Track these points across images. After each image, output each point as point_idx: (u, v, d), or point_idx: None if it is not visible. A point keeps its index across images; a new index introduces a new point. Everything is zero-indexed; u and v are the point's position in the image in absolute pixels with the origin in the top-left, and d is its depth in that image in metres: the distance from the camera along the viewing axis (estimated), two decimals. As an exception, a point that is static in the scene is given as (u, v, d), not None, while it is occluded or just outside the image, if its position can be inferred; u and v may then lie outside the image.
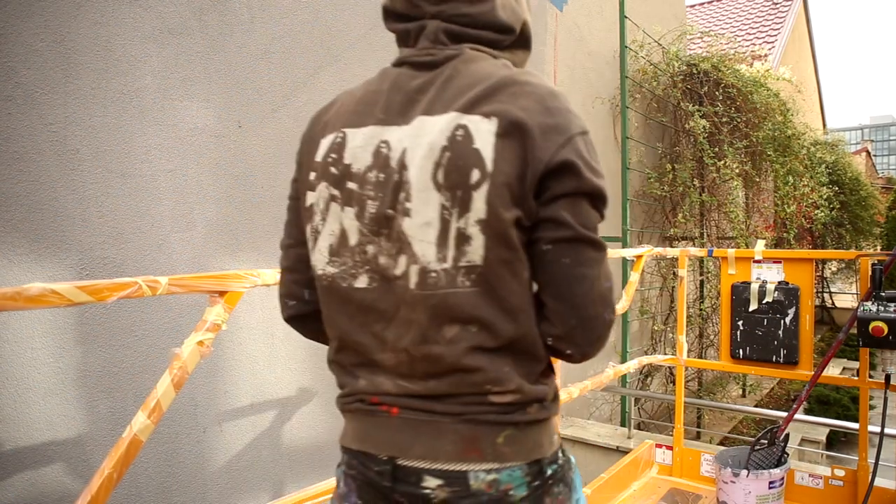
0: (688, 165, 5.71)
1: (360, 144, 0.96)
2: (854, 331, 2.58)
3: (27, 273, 1.84)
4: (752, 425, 6.70)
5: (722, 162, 5.52)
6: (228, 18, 2.36)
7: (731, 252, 3.13)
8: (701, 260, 5.76)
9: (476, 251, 0.88)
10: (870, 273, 2.61)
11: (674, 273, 5.56)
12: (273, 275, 1.57)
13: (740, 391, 7.39)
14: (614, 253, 2.76)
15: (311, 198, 1.00)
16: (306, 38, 2.64)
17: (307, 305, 1.09)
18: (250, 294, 1.63)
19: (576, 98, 4.74)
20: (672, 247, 5.59)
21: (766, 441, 2.74)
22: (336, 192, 0.97)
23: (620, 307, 2.83)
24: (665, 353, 5.70)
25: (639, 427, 5.03)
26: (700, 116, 5.47)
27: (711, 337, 6.32)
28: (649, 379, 5.74)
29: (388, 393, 0.95)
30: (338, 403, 1.03)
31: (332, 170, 0.97)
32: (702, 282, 6.12)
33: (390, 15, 1.03)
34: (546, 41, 4.30)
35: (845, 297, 12.90)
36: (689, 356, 4.94)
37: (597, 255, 0.93)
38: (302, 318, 1.11)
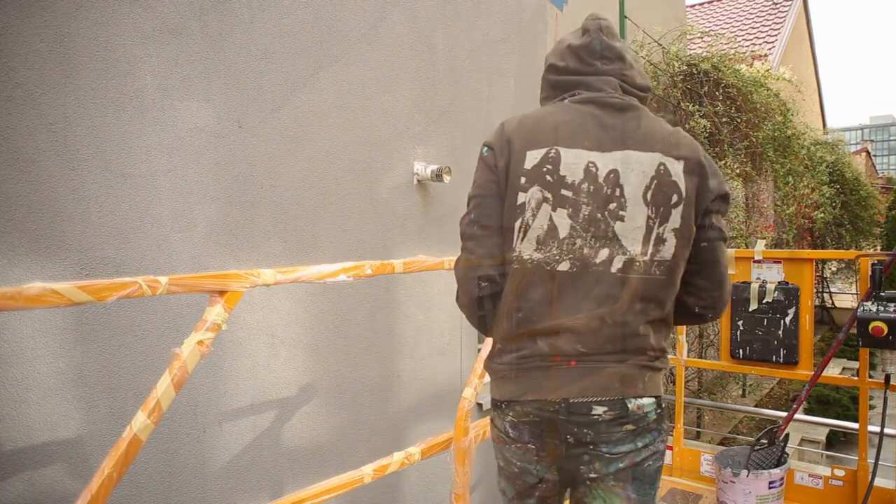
0: (688, 165, 5.69)
1: (572, 162, 1.30)
2: (854, 331, 2.58)
3: (27, 273, 1.84)
4: (751, 425, 6.70)
5: (722, 162, 5.52)
6: (228, 18, 2.36)
7: (731, 252, 3.13)
8: (701, 260, 5.74)
9: (668, 250, 1.31)
10: (870, 273, 2.61)
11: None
12: (272, 275, 1.57)
13: (740, 391, 7.39)
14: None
15: (521, 197, 1.31)
16: (307, 37, 2.64)
17: (496, 286, 1.36)
18: (250, 294, 1.63)
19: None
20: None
21: (765, 441, 2.74)
22: (549, 195, 1.30)
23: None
24: (665, 353, 5.68)
25: (639, 427, 5.02)
26: (700, 116, 5.47)
27: (711, 337, 6.31)
28: (649, 379, 5.73)
29: (566, 354, 1.29)
30: (506, 365, 1.34)
31: (548, 178, 1.30)
32: (702, 282, 6.10)
33: (559, 70, 1.41)
34: (546, 41, 4.29)
35: (845, 297, 12.89)
36: (689, 356, 4.94)
37: (726, 248, 1.40)
38: (489, 298, 1.37)
